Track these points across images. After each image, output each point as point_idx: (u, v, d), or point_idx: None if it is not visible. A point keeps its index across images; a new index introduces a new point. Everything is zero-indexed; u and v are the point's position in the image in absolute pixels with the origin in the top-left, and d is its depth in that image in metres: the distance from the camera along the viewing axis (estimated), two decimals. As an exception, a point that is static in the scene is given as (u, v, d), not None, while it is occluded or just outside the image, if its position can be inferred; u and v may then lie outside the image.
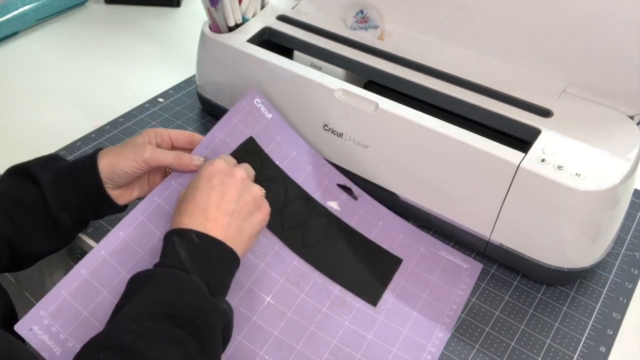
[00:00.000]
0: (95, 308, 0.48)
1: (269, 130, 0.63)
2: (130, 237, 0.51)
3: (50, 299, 0.47)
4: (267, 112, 0.64)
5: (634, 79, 0.57)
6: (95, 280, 0.49)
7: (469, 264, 0.60)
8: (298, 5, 0.75)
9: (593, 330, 0.55)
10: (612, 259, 0.62)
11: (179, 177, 0.55)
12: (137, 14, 1.03)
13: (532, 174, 0.53)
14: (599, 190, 0.51)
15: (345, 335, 0.53)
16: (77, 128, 0.75)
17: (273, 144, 0.63)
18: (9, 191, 0.53)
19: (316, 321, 0.54)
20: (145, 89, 0.83)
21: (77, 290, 0.48)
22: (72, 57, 0.91)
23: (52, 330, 0.46)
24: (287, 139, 0.64)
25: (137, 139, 0.56)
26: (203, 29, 0.72)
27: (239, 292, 0.54)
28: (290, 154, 0.64)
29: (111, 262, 0.50)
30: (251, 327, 0.52)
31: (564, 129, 0.56)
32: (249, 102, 0.63)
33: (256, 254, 0.56)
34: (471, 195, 0.57)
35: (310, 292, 0.55)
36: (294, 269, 0.57)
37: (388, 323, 0.54)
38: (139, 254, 0.51)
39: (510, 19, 0.61)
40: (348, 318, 0.54)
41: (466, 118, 0.61)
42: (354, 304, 0.55)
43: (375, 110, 0.60)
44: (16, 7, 0.93)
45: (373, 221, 0.62)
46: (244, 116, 0.62)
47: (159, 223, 0.53)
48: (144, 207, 0.53)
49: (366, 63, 0.65)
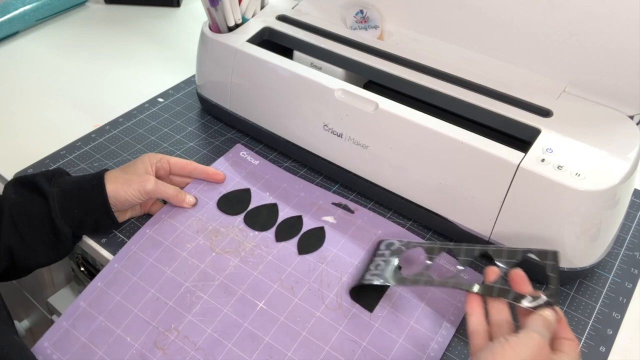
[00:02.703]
0: (92, 333, 0.53)
1: (256, 172, 0.67)
2: (124, 266, 0.57)
3: (54, 331, 0.53)
4: (254, 159, 0.69)
5: (634, 79, 0.57)
6: (92, 309, 0.55)
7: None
8: (298, 5, 0.75)
9: (593, 330, 0.55)
10: (612, 259, 0.62)
11: (169, 210, 0.62)
12: (137, 14, 1.03)
13: (532, 173, 0.53)
14: (599, 190, 0.51)
15: (339, 342, 0.52)
16: (77, 128, 0.75)
17: (262, 181, 0.66)
18: (17, 202, 0.55)
19: (309, 326, 0.53)
20: (145, 89, 0.83)
21: (77, 321, 0.54)
22: (72, 57, 0.91)
23: (54, 358, 0.52)
24: (277, 176, 0.67)
25: (139, 166, 0.60)
26: (203, 29, 0.72)
27: (231, 299, 0.54)
28: (281, 185, 0.66)
29: (107, 291, 0.56)
30: (242, 334, 0.52)
31: (564, 129, 0.56)
32: (235, 154, 0.69)
33: (249, 264, 0.57)
34: (471, 195, 0.57)
35: (305, 296, 0.55)
36: (288, 275, 0.56)
37: (384, 331, 0.53)
38: (132, 279, 0.56)
39: (511, 19, 0.61)
40: (343, 323, 0.53)
41: (466, 118, 0.61)
42: (349, 309, 0.54)
43: (375, 110, 0.60)
44: (16, 7, 0.93)
45: (372, 229, 0.61)
46: (230, 165, 0.67)
47: (150, 252, 0.58)
48: (136, 239, 0.59)
49: (366, 63, 0.65)
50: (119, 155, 0.71)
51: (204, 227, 0.60)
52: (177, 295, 0.55)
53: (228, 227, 0.60)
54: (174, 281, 0.56)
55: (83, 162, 0.70)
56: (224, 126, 0.77)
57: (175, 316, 0.53)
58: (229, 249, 0.58)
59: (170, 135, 0.75)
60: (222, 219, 0.61)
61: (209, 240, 0.59)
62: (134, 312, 0.54)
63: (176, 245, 0.58)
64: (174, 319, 0.53)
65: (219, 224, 0.61)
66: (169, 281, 0.56)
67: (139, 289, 0.55)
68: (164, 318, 0.53)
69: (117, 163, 0.70)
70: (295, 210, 0.63)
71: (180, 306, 0.54)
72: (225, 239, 0.59)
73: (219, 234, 0.60)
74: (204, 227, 0.60)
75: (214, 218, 0.61)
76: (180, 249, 0.58)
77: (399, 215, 0.65)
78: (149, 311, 0.54)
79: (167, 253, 0.58)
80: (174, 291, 0.55)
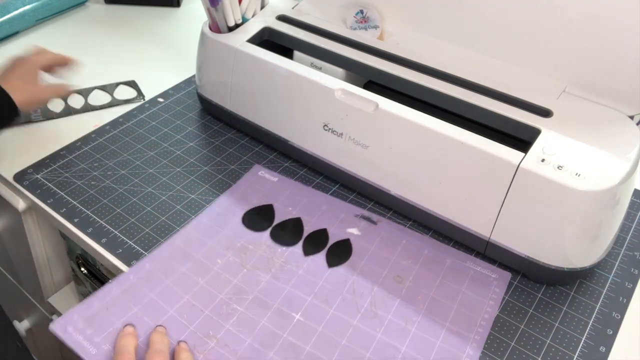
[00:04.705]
0: (126, 320, 0.53)
1: (276, 189, 0.67)
2: (156, 267, 0.57)
3: (84, 307, 0.53)
4: (272, 177, 0.69)
5: (634, 79, 0.57)
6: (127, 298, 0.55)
7: (497, 274, 0.59)
8: (298, 5, 0.75)
9: (593, 330, 0.55)
10: (612, 259, 0.62)
11: (197, 225, 0.62)
12: (137, 14, 1.03)
13: (532, 174, 0.53)
14: (599, 190, 0.51)
15: (379, 348, 0.52)
16: (77, 128, 0.75)
17: (282, 197, 0.66)
18: None
19: (348, 335, 0.53)
20: (145, 89, 0.83)
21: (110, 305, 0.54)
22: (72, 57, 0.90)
23: (87, 333, 0.51)
24: (297, 192, 0.67)
25: None
26: (203, 29, 0.72)
27: (267, 312, 0.54)
28: (302, 200, 0.66)
29: (141, 287, 0.55)
30: (282, 345, 0.52)
31: (564, 129, 0.56)
32: (253, 174, 0.69)
33: (280, 279, 0.57)
34: (471, 195, 0.57)
35: (340, 307, 0.55)
36: (321, 288, 0.57)
37: (421, 334, 0.53)
38: (165, 282, 0.56)
39: (511, 19, 0.61)
40: (380, 330, 0.54)
41: (466, 118, 0.61)
42: (385, 316, 0.55)
43: (375, 110, 0.60)
44: (16, 7, 0.93)
45: (396, 240, 0.62)
46: (249, 186, 0.67)
47: (182, 261, 0.58)
48: (167, 246, 0.60)
49: (366, 63, 0.65)
50: (119, 155, 0.71)
51: (232, 244, 0.60)
52: (213, 305, 0.54)
53: (256, 244, 0.61)
54: (208, 292, 0.56)
55: (83, 162, 0.70)
56: (224, 126, 0.77)
57: (213, 324, 0.53)
58: (259, 266, 0.58)
59: (170, 135, 0.75)
60: (249, 236, 0.61)
61: (238, 257, 0.59)
62: (169, 313, 0.53)
63: (207, 259, 0.59)
64: (211, 327, 0.53)
65: (247, 241, 0.61)
66: (202, 291, 0.56)
67: (173, 292, 0.55)
68: (202, 324, 0.53)
69: (117, 163, 0.70)
70: (319, 223, 0.63)
71: (216, 315, 0.54)
72: (254, 256, 0.59)
73: (247, 251, 0.60)
74: (232, 244, 0.60)
75: (240, 235, 0.61)
76: (211, 264, 0.58)
77: (399, 215, 0.65)
78: (186, 315, 0.53)
79: (198, 266, 0.58)
80: (208, 301, 0.55)
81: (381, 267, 0.59)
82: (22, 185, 0.67)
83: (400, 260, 0.60)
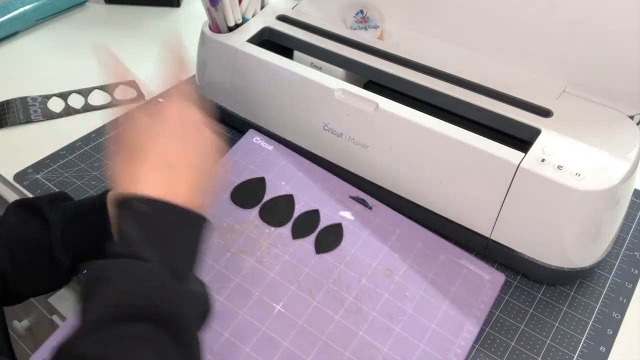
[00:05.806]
0: None
1: (270, 159, 0.65)
2: None
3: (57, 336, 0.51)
4: (267, 145, 0.66)
5: (634, 79, 0.57)
6: None
7: (490, 275, 0.57)
8: (298, 5, 0.75)
9: (593, 330, 0.55)
10: (612, 259, 0.62)
11: None
12: (137, 14, 1.03)
13: (532, 173, 0.53)
14: (599, 190, 0.51)
15: (360, 347, 0.51)
16: (77, 128, 0.75)
17: (277, 169, 0.64)
18: (15, 226, 0.51)
19: (329, 331, 0.52)
20: (145, 88, 0.83)
21: None
22: (72, 57, 0.90)
23: None
24: (292, 163, 0.65)
25: None
26: (203, 29, 0.72)
27: (247, 302, 0.53)
28: (297, 174, 0.64)
29: None
30: (260, 339, 0.51)
31: (564, 129, 0.56)
32: (247, 141, 0.67)
33: (265, 264, 0.56)
34: (471, 195, 0.57)
35: (324, 299, 0.54)
36: (306, 276, 0.55)
37: (404, 335, 0.52)
38: None
39: (511, 19, 0.61)
40: (363, 328, 0.52)
41: (466, 118, 0.61)
42: (369, 312, 0.53)
43: (375, 110, 0.60)
44: (16, 7, 0.93)
45: (390, 229, 0.60)
46: (244, 154, 0.65)
47: None
48: None
49: (366, 63, 0.65)
50: (119, 155, 0.71)
51: (218, 224, 0.58)
52: None
53: (243, 223, 0.59)
54: None
55: (83, 162, 0.70)
56: (224, 126, 0.76)
57: None
58: (245, 248, 0.57)
59: (170, 135, 0.75)
60: (237, 213, 0.60)
61: (223, 238, 0.57)
62: None
63: None
64: None
65: (234, 219, 0.59)
66: None
67: None
68: None
69: (117, 163, 0.70)
70: (312, 203, 0.61)
71: None
72: (241, 237, 0.58)
73: (233, 232, 0.58)
74: (219, 224, 0.58)
75: (228, 213, 0.59)
76: None
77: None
78: None
79: None
80: None
81: (371, 258, 0.57)
82: (22, 185, 0.67)
83: (392, 252, 0.58)
